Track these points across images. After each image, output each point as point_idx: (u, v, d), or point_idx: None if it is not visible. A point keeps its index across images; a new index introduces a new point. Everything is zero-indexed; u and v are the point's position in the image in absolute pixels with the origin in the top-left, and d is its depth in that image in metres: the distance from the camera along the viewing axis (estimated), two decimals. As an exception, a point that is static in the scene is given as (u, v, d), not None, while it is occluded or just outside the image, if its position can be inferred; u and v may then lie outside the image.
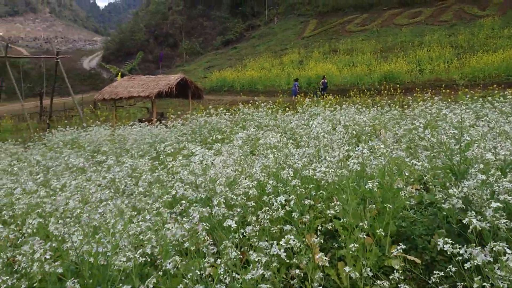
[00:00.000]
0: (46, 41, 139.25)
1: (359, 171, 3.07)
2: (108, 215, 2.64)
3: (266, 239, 2.51)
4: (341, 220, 2.80)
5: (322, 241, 3.01)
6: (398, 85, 23.53)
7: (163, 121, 14.63)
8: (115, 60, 73.46)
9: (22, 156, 8.75)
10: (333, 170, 2.93)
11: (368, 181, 2.81)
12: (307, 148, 4.22)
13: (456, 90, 19.88)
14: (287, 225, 2.63)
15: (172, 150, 3.77)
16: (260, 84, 34.30)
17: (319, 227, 2.82)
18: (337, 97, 20.55)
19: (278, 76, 34.39)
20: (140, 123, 17.95)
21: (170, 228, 2.34)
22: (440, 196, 3.32)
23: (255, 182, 2.92)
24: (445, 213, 3.04)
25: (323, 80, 27.36)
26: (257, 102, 10.53)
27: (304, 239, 2.78)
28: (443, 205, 2.86)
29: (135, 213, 2.90)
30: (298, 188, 2.82)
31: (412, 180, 3.57)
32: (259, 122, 9.37)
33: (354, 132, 8.37)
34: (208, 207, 2.78)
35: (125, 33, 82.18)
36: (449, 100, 9.87)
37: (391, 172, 3.08)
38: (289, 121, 9.00)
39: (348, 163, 2.86)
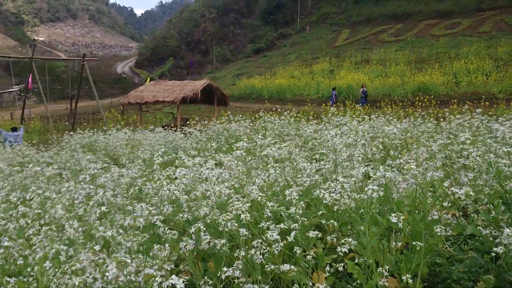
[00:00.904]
0: (84, 46, 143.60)
1: (382, 196, 2.43)
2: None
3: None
4: (357, 259, 2.17)
5: (334, 282, 2.39)
6: (432, 97, 22.43)
7: (185, 127, 14.29)
8: (147, 65, 74.51)
9: (33, 158, 8.46)
10: (349, 194, 2.31)
11: (394, 212, 2.18)
12: (322, 163, 3.59)
13: (496, 104, 18.70)
14: (285, 265, 2.02)
15: (160, 159, 3.24)
16: (288, 92, 33.72)
17: (329, 267, 2.21)
18: (368, 107, 19.72)
19: (308, 85, 33.73)
20: (163, 128, 17.69)
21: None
22: (488, 232, 2.63)
23: (249, 204, 2.33)
24: (494, 254, 2.37)
25: (362, 88, 25.50)
26: (278, 110, 9.94)
27: (309, 281, 2.16)
28: (493, 248, 2.20)
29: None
30: (299, 217, 2.21)
31: (448, 204, 2.88)
32: (280, 131, 8.78)
33: (381, 146, 7.68)
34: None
35: (158, 40, 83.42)
36: (490, 114, 8.98)
37: (424, 198, 2.43)
38: (313, 131, 8.37)
39: (366, 188, 2.23)
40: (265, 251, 2.08)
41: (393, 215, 2.16)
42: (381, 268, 2.05)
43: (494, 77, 25.90)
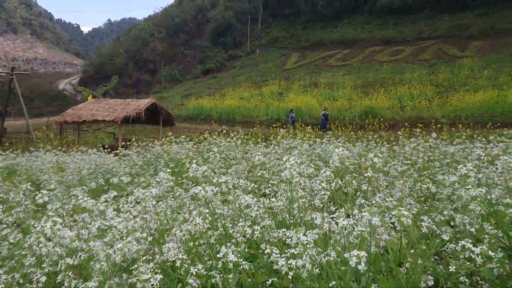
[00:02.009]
0: (25, 62, 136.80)
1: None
2: None
3: None
4: None
5: None
6: (380, 121, 22.68)
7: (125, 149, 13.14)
8: (92, 83, 71.64)
9: None
10: (312, 257, 1.56)
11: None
12: (273, 200, 2.85)
13: (440, 128, 19.07)
14: None
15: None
16: (238, 114, 33.16)
17: None
18: (317, 130, 19.48)
19: (257, 107, 33.37)
20: (103, 149, 16.36)
21: None
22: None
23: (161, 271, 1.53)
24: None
25: (324, 111, 25.71)
26: (225, 131, 9.20)
27: None
28: None
29: None
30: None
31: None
32: (226, 154, 8.01)
33: (334, 171, 7.14)
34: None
35: (104, 57, 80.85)
36: (443, 138, 8.74)
37: (415, 254, 1.73)
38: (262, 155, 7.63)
39: (347, 255, 1.50)
40: None
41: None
42: None
43: (437, 102, 26.78)
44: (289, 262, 1.52)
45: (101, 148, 18.49)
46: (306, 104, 30.10)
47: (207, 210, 2.28)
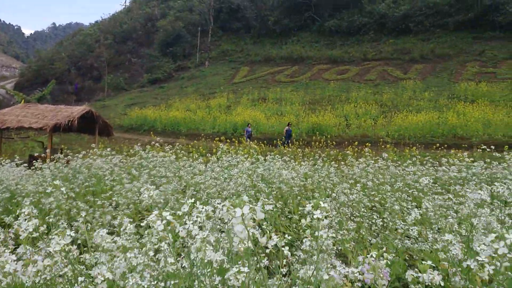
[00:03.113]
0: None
1: None
2: None
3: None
4: None
5: None
6: (327, 138, 22.53)
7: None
8: (29, 88, 67.28)
9: None
10: None
11: None
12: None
13: (384, 146, 19.12)
14: None
15: None
16: (183, 126, 32.01)
17: None
18: (263, 145, 18.87)
19: (204, 119, 32.41)
20: (30, 159, 14.94)
21: None
22: None
23: None
24: None
25: (287, 127, 25.06)
26: (157, 144, 8.23)
27: None
28: None
29: None
30: None
31: None
32: (158, 170, 7.07)
33: (278, 193, 6.40)
34: None
35: (44, 61, 76.52)
36: (392, 159, 8.32)
37: None
38: (197, 172, 6.80)
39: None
40: None
41: None
42: None
43: (381, 121, 27.21)
44: None
45: (29, 158, 16.76)
46: (254, 118, 29.57)
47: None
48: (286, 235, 2.40)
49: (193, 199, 2.88)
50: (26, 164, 9.05)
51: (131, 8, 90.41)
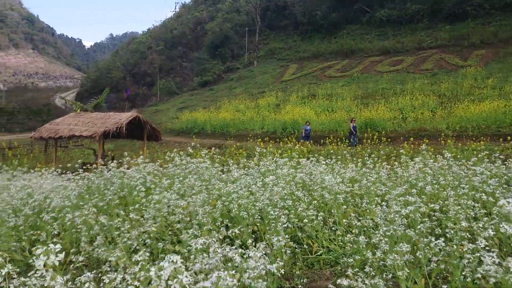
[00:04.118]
0: (26, 76, 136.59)
1: None
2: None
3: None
4: None
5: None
6: (381, 133, 21.25)
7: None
8: (88, 97, 70.60)
9: None
10: None
11: None
12: None
13: (444, 141, 17.65)
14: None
15: None
16: (232, 127, 31.77)
17: None
18: (312, 144, 18.06)
19: (253, 119, 31.97)
20: (82, 167, 15.04)
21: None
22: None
23: None
24: None
25: (352, 123, 22.93)
26: (197, 146, 7.75)
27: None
28: None
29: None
30: None
31: None
32: (189, 180, 6.59)
33: (320, 201, 5.68)
34: None
35: (101, 71, 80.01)
36: (456, 156, 7.30)
37: None
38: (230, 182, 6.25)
39: None
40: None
41: None
42: None
43: (440, 113, 25.37)
44: None
45: (81, 166, 17.10)
46: (303, 115, 28.69)
47: None
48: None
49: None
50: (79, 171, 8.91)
51: (180, 13, 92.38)
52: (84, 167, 14.34)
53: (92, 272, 3.02)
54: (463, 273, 3.00)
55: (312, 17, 60.34)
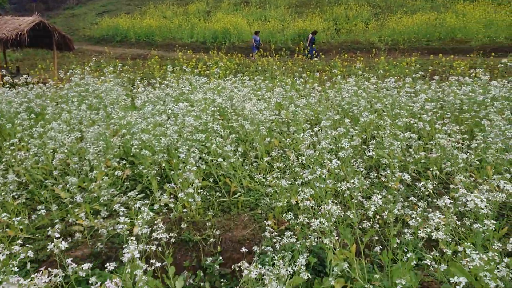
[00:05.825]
0: None
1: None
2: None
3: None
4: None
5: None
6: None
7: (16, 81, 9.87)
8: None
9: None
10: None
11: None
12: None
13: (376, 54, 17.38)
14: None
15: None
16: (158, 35, 29.29)
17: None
18: (241, 56, 16.99)
19: (181, 27, 29.59)
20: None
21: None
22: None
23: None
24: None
25: (310, 35, 21.31)
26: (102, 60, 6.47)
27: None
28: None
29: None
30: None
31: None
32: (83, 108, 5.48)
33: (241, 133, 4.88)
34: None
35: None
36: (391, 70, 6.75)
37: None
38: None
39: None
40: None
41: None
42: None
43: (374, 25, 24.92)
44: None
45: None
46: (235, 25, 26.94)
47: None
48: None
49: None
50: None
51: None
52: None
53: None
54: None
55: None
